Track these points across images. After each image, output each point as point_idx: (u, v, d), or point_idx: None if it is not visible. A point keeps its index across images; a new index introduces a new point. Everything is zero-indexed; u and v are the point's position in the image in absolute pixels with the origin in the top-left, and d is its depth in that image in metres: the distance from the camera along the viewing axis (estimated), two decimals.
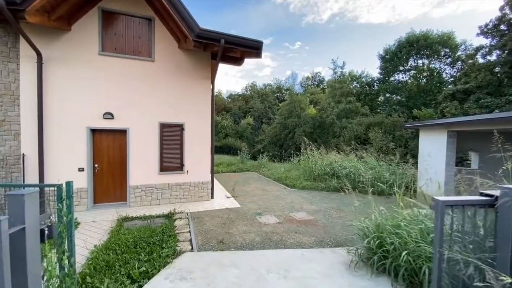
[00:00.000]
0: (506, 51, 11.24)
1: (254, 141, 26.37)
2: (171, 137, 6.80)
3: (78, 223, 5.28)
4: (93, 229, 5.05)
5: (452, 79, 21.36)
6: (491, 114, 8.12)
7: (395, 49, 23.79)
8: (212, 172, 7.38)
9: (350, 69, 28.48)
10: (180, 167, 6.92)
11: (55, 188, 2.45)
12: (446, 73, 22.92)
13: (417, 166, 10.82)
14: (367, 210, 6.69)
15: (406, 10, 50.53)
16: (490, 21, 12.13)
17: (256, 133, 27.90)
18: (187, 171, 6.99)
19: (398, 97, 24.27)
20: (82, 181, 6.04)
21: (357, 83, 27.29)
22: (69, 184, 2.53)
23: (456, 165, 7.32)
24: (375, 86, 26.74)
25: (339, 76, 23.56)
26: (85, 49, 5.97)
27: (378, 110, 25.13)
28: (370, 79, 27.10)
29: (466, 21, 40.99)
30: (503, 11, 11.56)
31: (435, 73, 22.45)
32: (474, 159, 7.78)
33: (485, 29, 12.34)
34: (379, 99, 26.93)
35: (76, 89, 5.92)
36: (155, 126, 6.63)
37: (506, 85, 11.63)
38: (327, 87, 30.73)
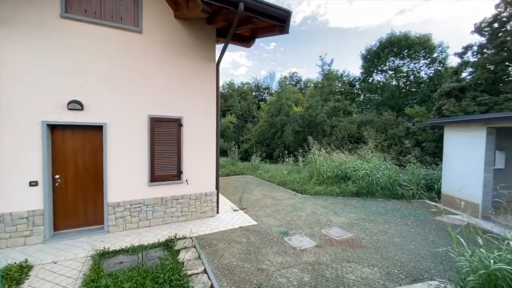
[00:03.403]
0: (504, 49, 11.29)
1: (239, 141, 24.83)
2: (165, 136, 5.13)
3: (29, 269, 3.44)
4: (53, 278, 3.27)
5: (428, 80, 22.03)
6: None
7: (377, 49, 24.00)
8: (218, 181, 5.84)
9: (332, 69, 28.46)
10: (177, 176, 5.28)
11: None
12: (425, 73, 23.65)
13: (429, 165, 10.35)
14: (398, 220, 5.77)
15: (371, 17, 53.67)
16: (485, 19, 12.19)
17: (240, 132, 26.38)
18: (187, 181, 5.38)
19: (379, 97, 24.55)
20: (35, 201, 4.14)
21: (339, 82, 27.23)
22: None
23: None
24: (357, 86, 26.91)
25: (327, 73, 23.01)
26: (41, 8, 4.08)
27: (360, 109, 25.21)
28: (352, 79, 27.21)
29: (424, 30, 44.47)
30: (498, 9, 11.65)
31: (414, 73, 22.99)
32: (499, 159, 7.29)
33: (481, 27, 12.39)
34: (360, 99, 27.16)
35: (26, 66, 4.01)
36: (143, 120, 4.92)
37: (502, 82, 11.73)
38: (310, 86, 30.41)
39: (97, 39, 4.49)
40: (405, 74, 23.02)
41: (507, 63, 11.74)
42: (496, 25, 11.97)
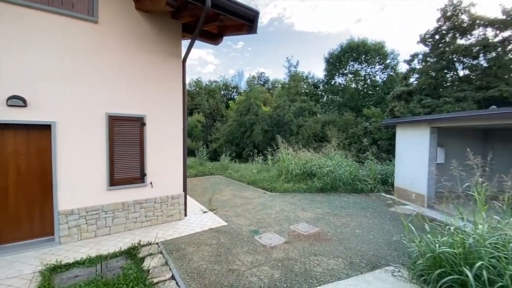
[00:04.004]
0: (443, 59, 12.91)
1: (207, 140, 24.30)
2: (125, 136, 4.77)
3: None
4: None
5: (382, 83, 24.22)
6: (477, 111, 8.84)
7: (338, 53, 25.59)
8: (185, 182, 5.62)
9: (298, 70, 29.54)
10: (140, 178, 4.95)
11: None
12: (380, 77, 25.92)
13: (383, 161, 11.35)
14: (359, 212, 6.23)
15: (333, 23, 57.45)
16: (428, 31, 13.81)
17: (209, 131, 25.84)
18: (151, 183, 5.08)
19: (341, 99, 26.23)
20: None
21: (305, 83, 28.40)
22: None
23: None
24: (320, 87, 28.36)
25: (293, 75, 23.78)
26: None
27: (324, 110, 26.63)
28: (316, 81, 28.59)
29: (379, 38, 49.39)
30: (439, 23, 13.30)
31: (370, 77, 25.05)
32: (440, 154, 8.33)
33: (424, 38, 13.99)
34: (324, 100, 28.68)
35: None
36: (100, 119, 4.50)
37: (442, 87, 13.41)
38: (278, 86, 31.14)
39: (43, 27, 3.97)
40: (363, 78, 24.89)
41: (445, 71, 13.47)
42: (437, 36, 13.63)
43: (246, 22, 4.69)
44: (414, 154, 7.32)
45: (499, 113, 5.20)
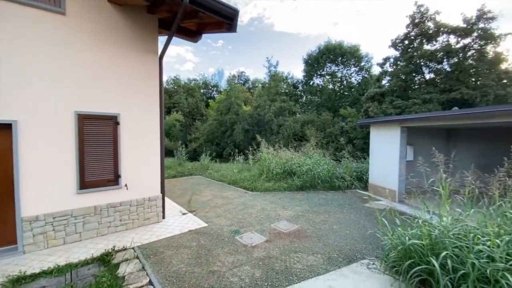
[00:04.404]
0: (412, 63, 13.79)
1: (186, 140, 23.72)
2: (97, 136, 4.50)
3: None
4: None
5: (357, 85, 25.33)
6: (442, 111, 9.48)
7: (317, 54, 26.31)
8: (163, 184, 5.44)
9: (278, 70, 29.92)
10: (114, 180, 4.70)
11: None
12: (355, 79, 27.06)
13: (359, 159, 11.86)
14: (336, 209, 6.47)
15: (311, 25, 59.05)
16: (398, 37, 14.67)
17: (188, 130, 25.25)
18: (126, 185, 4.84)
19: (319, 99, 27.01)
20: None
21: (284, 83, 28.84)
22: None
23: None
24: (300, 88, 28.97)
25: (273, 75, 24.01)
26: None
27: (303, 110, 27.26)
28: (296, 81, 29.15)
29: (355, 41, 51.84)
30: (408, 29, 14.19)
31: (346, 79, 26.09)
32: (409, 152, 8.90)
33: (395, 42, 14.85)
34: (303, 100, 29.34)
35: None
36: (68, 118, 4.19)
37: (410, 89, 14.32)
38: (258, 86, 31.26)
39: (2, 17, 3.60)
40: (339, 79, 25.80)
41: (414, 74, 14.41)
42: (406, 42, 14.53)
43: (226, 20, 4.64)
44: (386, 152, 7.74)
45: (461, 114, 5.67)
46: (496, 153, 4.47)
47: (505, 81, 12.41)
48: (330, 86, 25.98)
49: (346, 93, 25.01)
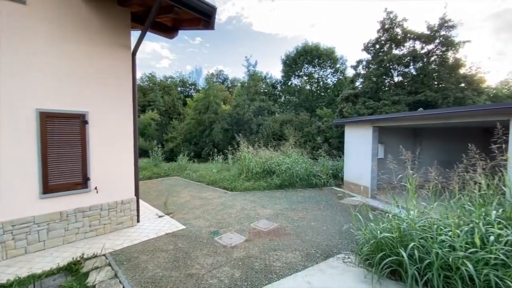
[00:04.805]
0: (382, 66, 14.62)
1: (163, 139, 22.91)
2: (63, 136, 4.16)
3: None
4: None
5: (333, 86, 26.30)
6: (409, 112, 10.03)
7: (294, 55, 26.84)
8: (137, 186, 5.19)
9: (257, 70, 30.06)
10: (82, 183, 4.39)
11: None
12: (331, 80, 28.05)
13: (334, 157, 12.30)
14: (314, 206, 6.67)
15: (289, 27, 60.16)
16: (370, 41, 15.47)
17: (164, 130, 24.41)
18: (96, 188, 4.54)
19: (297, 99, 27.61)
20: None
21: (263, 83, 29.06)
22: None
23: None
24: (278, 88, 29.37)
25: (252, 74, 24.05)
26: None
27: (282, 110, 27.69)
28: (274, 81, 29.49)
29: (330, 43, 53.77)
30: (378, 34, 15.01)
31: (323, 80, 26.96)
32: (380, 150, 9.43)
33: (367, 46, 15.64)
34: (282, 100, 29.80)
35: None
36: (28, 116, 3.83)
37: (381, 91, 15.17)
38: (237, 85, 31.14)
39: None
40: (316, 80, 26.56)
41: (384, 77, 15.28)
42: (377, 46, 15.36)
43: (203, 17, 4.53)
44: (359, 150, 8.12)
45: (425, 115, 6.12)
46: (456, 150, 4.90)
47: (463, 84, 13.64)
48: (308, 87, 26.64)
49: (322, 94, 25.83)
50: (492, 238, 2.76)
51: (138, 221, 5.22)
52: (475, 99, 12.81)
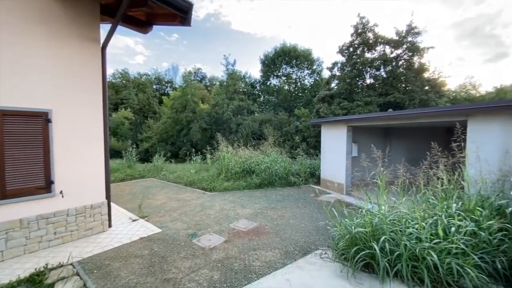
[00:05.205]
0: (355, 68, 15.30)
1: (137, 139, 21.90)
2: (23, 136, 3.79)
3: None
4: None
5: (310, 87, 27.03)
6: (379, 112, 10.50)
7: (273, 56, 27.12)
8: (108, 188, 4.89)
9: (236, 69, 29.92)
10: (45, 187, 4.03)
11: None
12: (308, 81, 28.78)
13: (312, 156, 12.63)
14: (292, 204, 6.80)
15: (267, 27, 60.79)
16: (344, 44, 16.11)
17: (139, 129, 23.35)
18: (61, 192, 4.20)
19: (276, 99, 27.96)
20: None
21: (242, 82, 29.01)
22: None
23: None
24: (257, 87, 29.50)
25: (231, 73, 23.87)
26: None
27: (261, 109, 27.85)
28: (253, 81, 29.57)
29: (307, 44, 55.20)
30: (352, 37, 15.68)
31: (300, 81, 27.58)
32: (354, 149, 9.86)
33: (342, 49, 16.26)
34: (261, 100, 29.97)
35: None
36: None
37: (355, 93, 15.87)
38: (216, 84, 30.69)
39: None
40: (294, 81, 27.06)
41: (357, 79, 15.99)
42: (351, 49, 16.03)
43: (179, 12, 4.38)
44: (335, 149, 8.42)
45: (394, 115, 6.51)
46: (422, 148, 5.28)
47: (427, 87, 14.73)
48: (286, 87, 27.05)
49: (300, 94, 26.38)
50: (453, 229, 3.01)
51: (109, 226, 4.93)
52: (437, 101, 13.90)
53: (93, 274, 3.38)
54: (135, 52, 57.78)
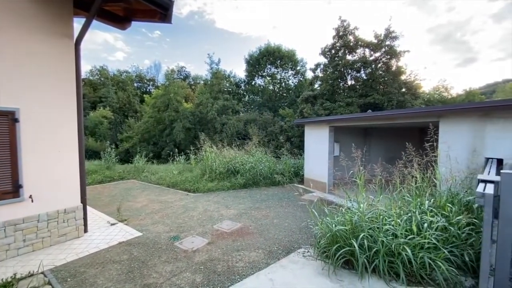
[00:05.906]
0: (337, 70, 15.70)
1: (116, 139, 21.04)
2: None
3: None
4: None
5: (294, 87, 27.39)
6: (359, 113, 10.82)
7: (258, 56, 27.18)
8: (84, 191, 4.65)
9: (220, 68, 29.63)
10: (12, 192, 3.76)
11: None
12: (292, 82, 29.15)
13: (296, 156, 12.79)
14: (276, 203, 6.87)
15: (251, 27, 60.86)
16: (327, 46, 16.48)
17: (119, 129, 22.46)
18: (31, 197, 3.94)
19: (260, 99, 28.05)
20: None
21: (227, 82, 28.80)
22: None
23: None
24: (242, 87, 29.42)
25: (215, 72, 23.61)
26: None
27: (246, 109, 27.82)
28: (238, 80, 29.45)
29: (291, 45, 55.67)
30: (334, 40, 16.07)
31: (285, 81, 27.87)
32: (336, 148, 10.13)
33: (324, 51, 16.63)
34: (246, 99, 29.93)
35: None
36: None
37: (337, 94, 16.29)
38: (200, 83, 30.23)
39: None
40: (278, 81, 27.29)
41: (339, 80, 16.42)
42: (333, 51, 16.42)
43: (159, 9, 4.25)
44: (318, 149, 8.60)
45: (373, 116, 6.76)
46: (399, 148, 5.51)
47: (403, 90, 15.44)
48: (271, 87, 27.21)
49: (284, 95, 26.64)
50: (425, 225, 3.17)
51: (86, 231, 4.69)
52: (413, 103, 14.62)
53: (67, 282, 3.20)
54: (114, 48, 55.63)
